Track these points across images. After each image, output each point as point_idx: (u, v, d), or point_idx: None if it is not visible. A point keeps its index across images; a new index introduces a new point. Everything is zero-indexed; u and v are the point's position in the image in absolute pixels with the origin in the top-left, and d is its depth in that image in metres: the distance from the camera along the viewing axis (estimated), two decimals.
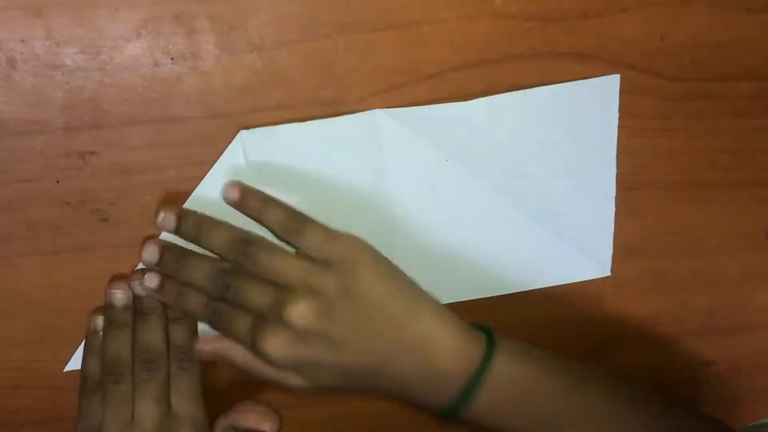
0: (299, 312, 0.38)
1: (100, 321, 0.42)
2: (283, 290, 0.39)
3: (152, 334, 0.41)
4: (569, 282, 0.48)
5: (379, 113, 0.43)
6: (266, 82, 0.41)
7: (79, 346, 0.44)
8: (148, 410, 0.40)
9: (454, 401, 0.40)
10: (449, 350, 0.40)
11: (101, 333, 0.42)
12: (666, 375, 0.52)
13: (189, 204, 0.43)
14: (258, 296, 0.39)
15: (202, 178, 0.42)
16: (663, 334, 0.42)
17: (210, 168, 0.42)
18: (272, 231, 0.40)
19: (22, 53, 0.39)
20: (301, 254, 0.40)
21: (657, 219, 0.48)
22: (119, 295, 0.41)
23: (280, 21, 0.40)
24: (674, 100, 0.46)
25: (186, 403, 0.41)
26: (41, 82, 0.39)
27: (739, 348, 0.53)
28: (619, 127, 0.46)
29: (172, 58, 0.40)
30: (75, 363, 0.45)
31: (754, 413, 0.56)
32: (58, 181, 0.41)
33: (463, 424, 0.41)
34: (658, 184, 0.47)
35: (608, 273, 0.49)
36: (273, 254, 0.39)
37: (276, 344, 0.38)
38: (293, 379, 0.40)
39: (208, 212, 0.42)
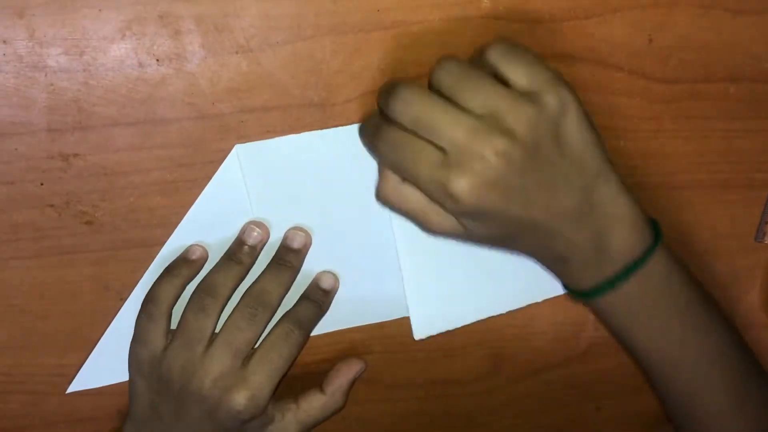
0: (501, 151, 0.34)
1: (197, 252, 0.42)
2: (482, 122, 0.34)
3: (274, 286, 0.41)
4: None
5: None
6: (252, 84, 0.41)
7: (65, 349, 0.44)
8: (222, 357, 0.40)
9: (608, 279, 0.38)
10: (626, 225, 0.38)
11: (193, 261, 0.42)
12: None
13: (188, 218, 0.43)
14: (451, 125, 0.34)
15: (188, 180, 0.42)
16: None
17: (195, 169, 0.42)
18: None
19: (4, 54, 0.38)
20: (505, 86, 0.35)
21: None
22: (255, 234, 0.42)
23: (266, 22, 0.40)
24: (662, 101, 0.46)
25: (262, 373, 0.40)
26: (24, 83, 0.39)
27: None
28: (608, 128, 0.46)
29: (157, 59, 0.40)
30: (80, 383, 0.44)
31: None
32: (41, 184, 0.41)
33: (592, 310, 0.41)
34: (646, 186, 0.47)
35: None
36: (478, 79, 0.35)
37: (467, 186, 0.34)
38: (454, 224, 0.37)
39: (206, 228, 0.43)
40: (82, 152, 0.41)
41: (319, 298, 0.44)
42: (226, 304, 0.41)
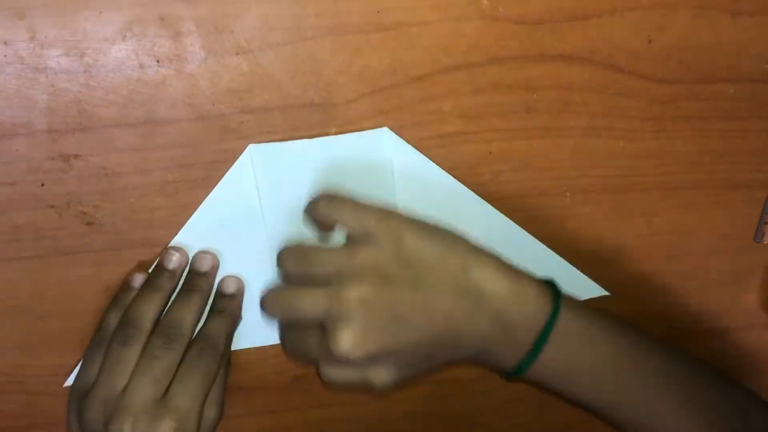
0: (356, 298, 0.36)
1: (139, 279, 0.42)
2: (334, 284, 0.37)
3: (185, 313, 0.41)
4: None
5: (385, 131, 0.43)
6: (252, 84, 0.41)
7: (65, 349, 0.44)
8: (142, 388, 0.39)
9: (527, 353, 0.39)
10: (517, 300, 0.38)
11: (135, 291, 0.42)
12: None
13: (198, 215, 0.43)
14: (311, 304, 0.37)
15: (188, 180, 0.42)
16: (651, 336, 0.42)
17: (195, 170, 0.42)
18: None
19: (5, 55, 0.39)
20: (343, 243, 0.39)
21: (645, 221, 0.48)
22: (174, 258, 0.42)
23: (266, 23, 0.40)
24: (661, 102, 0.46)
25: (183, 395, 0.39)
26: (25, 84, 0.39)
27: (726, 349, 0.53)
28: (607, 129, 0.46)
29: (157, 61, 0.40)
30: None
31: None
32: (42, 184, 0.41)
33: (529, 383, 0.41)
34: (645, 186, 0.47)
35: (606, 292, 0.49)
36: (312, 252, 0.38)
37: (348, 342, 0.36)
38: (378, 375, 0.38)
39: (216, 223, 0.43)
40: (82, 153, 0.41)
41: (224, 305, 0.43)
42: (149, 334, 0.40)
